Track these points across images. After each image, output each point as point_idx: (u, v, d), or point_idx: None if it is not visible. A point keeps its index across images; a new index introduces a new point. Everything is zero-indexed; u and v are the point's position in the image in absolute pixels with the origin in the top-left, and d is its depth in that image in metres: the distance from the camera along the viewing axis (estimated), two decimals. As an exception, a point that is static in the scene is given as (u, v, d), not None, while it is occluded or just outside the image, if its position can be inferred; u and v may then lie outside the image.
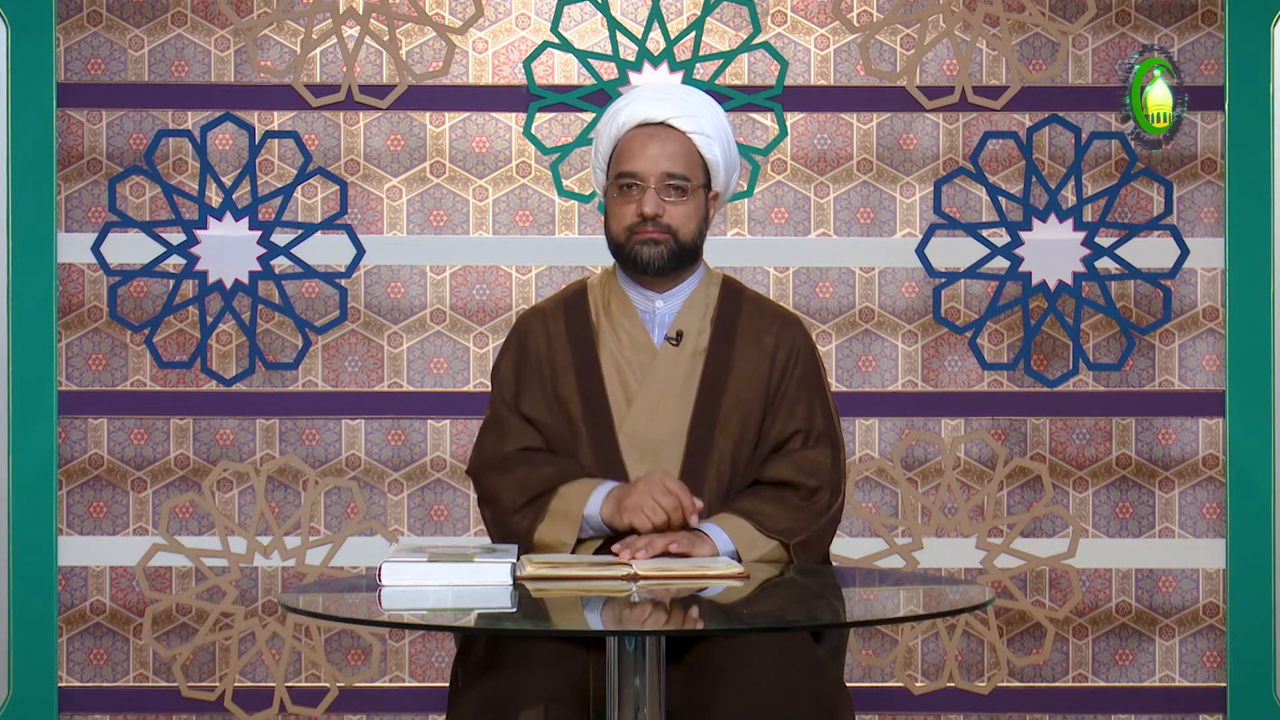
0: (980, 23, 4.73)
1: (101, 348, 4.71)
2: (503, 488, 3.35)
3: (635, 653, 2.84)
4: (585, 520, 3.28)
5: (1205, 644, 4.76)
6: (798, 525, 3.30)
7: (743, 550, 3.25)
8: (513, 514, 3.32)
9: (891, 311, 4.75)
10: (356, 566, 4.72)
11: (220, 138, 4.72)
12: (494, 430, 3.43)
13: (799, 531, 3.30)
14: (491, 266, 4.73)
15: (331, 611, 2.92)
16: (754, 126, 4.74)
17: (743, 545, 3.26)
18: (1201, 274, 4.76)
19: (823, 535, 3.35)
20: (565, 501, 3.29)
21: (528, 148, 4.73)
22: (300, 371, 4.72)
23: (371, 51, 4.72)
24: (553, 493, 3.30)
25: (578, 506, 3.29)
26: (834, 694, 3.13)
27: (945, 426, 4.75)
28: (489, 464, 3.40)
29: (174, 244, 4.67)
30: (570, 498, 3.30)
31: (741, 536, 3.27)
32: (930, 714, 4.76)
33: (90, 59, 4.71)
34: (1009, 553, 4.74)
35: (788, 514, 3.31)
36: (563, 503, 3.29)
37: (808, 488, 3.34)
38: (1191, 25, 4.75)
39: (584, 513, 3.28)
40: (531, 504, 3.31)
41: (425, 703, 4.71)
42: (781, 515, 3.30)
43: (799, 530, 3.30)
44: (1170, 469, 4.76)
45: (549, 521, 3.29)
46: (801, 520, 3.31)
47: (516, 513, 3.32)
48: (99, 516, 4.71)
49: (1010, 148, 4.74)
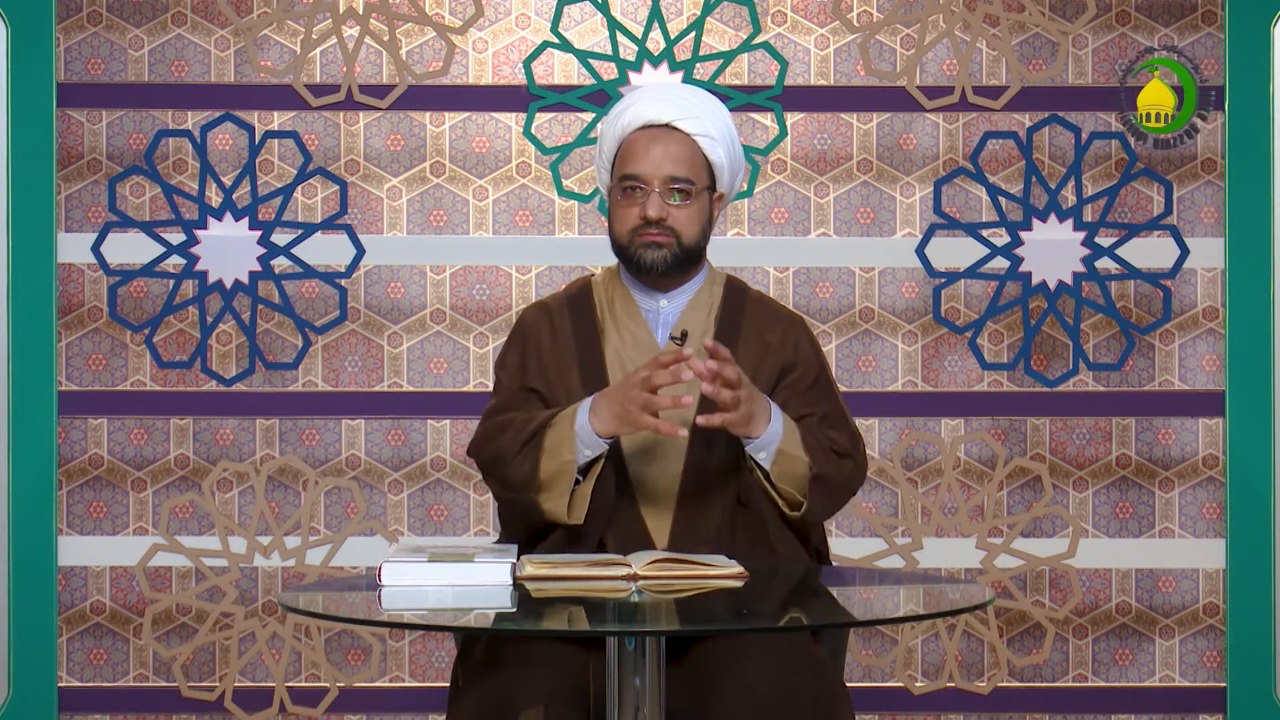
0: (980, 23, 4.73)
1: (101, 348, 4.71)
2: (501, 444, 3.31)
3: (635, 653, 2.84)
4: (579, 438, 3.24)
5: (1205, 644, 4.76)
6: (826, 464, 3.30)
7: (785, 442, 3.25)
8: (512, 460, 3.28)
9: (891, 311, 4.75)
10: (356, 566, 4.72)
11: (220, 138, 4.72)
12: (496, 409, 3.40)
13: (826, 469, 3.29)
14: (491, 266, 4.73)
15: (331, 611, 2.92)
16: (754, 126, 4.74)
17: (788, 436, 3.25)
18: (1201, 274, 4.76)
19: (837, 490, 3.33)
20: (557, 428, 3.26)
21: (528, 148, 4.73)
22: (300, 371, 4.72)
23: (371, 51, 4.72)
24: (546, 426, 3.27)
25: (568, 426, 3.25)
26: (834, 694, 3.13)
27: (945, 426, 4.75)
28: (488, 431, 3.36)
29: (174, 244, 4.67)
30: (560, 423, 3.26)
31: (790, 431, 3.27)
32: (930, 714, 4.76)
33: (90, 59, 4.71)
34: (1009, 553, 4.74)
35: (822, 451, 3.31)
36: (555, 431, 3.26)
37: (836, 452, 3.33)
38: (1191, 25, 4.75)
39: (575, 429, 3.24)
40: (528, 445, 3.28)
41: (425, 703, 4.71)
42: (818, 447, 3.30)
43: (826, 468, 3.29)
44: (1170, 469, 4.76)
45: (548, 454, 3.25)
46: (830, 464, 3.31)
47: (516, 458, 3.28)
48: (99, 516, 4.71)
49: (1010, 148, 4.75)
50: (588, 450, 3.24)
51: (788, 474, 3.26)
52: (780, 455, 3.25)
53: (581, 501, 3.26)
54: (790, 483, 3.27)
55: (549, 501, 3.25)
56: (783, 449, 3.25)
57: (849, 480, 3.36)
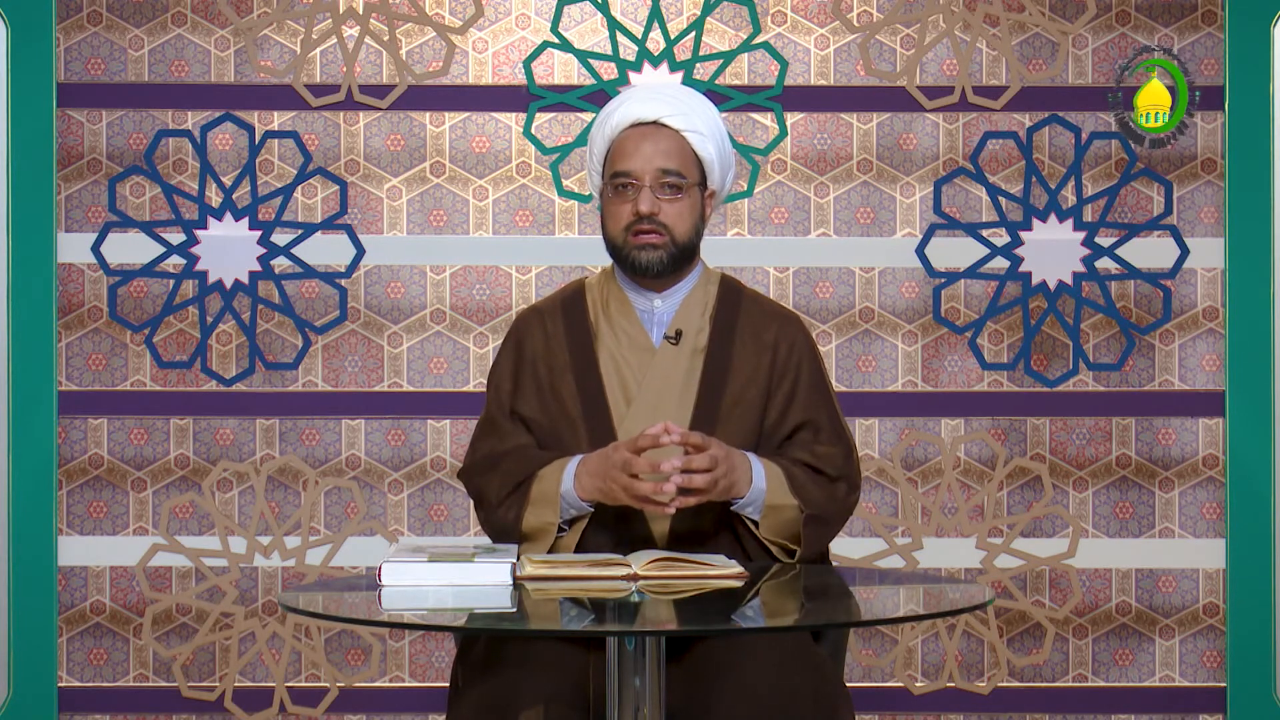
0: (980, 23, 4.73)
1: (101, 348, 4.71)
2: (489, 484, 3.34)
3: (635, 653, 2.84)
4: (564, 500, 3.27)
5: (1205, 644, 4.76)
6: (818, 501, 3.30)
7: (770, 495, 3.25)
8: (498, 507, 3.31)
9: (891, 311, 4.75)
10: (356, 566, 4.72)
11: (220, 138, 4.72)
12: (486, 433, 3.42)
13: (818, 507, 3.29)
14: (491, 266, 4.73)
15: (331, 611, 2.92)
16: (754, 126, 4.74)
17: (773, 489, 3.25)
18: (1201, 274, 4.76)
19: (832, 521, 3.34)
20: (543, 484, 3.29)
21: (528, 148, 4.73)
22: (300, 371, 4.72)
23: (371, 51, 4.72)
24: (533, 478, 3.30)
25: (554, 487, 3.28)
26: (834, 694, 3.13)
27: (945, 426, 4.75)
28: (479, 465, 3.39)
29: (174, 244, 4.67)
30: (546, 479, 3.29)
31: (775, 482, 3.27)
32: (930, 714, 4.76)
33: (90, 59, 4.71)
34: (1009, 553, 4.74)
35: (813, 486, 3.31)
36: (541, 486, 3.28)
37: (828, 475, 3.34)
38: (1191, 25, 4.75)
39: (560, 491, 3.27)
40: (514, 493, 3.31)
41: (425, 703, 4.71)
42: (809, 484, 3.30)
43: (818, 506, 3.29)
44: (1170, 469, 4.76)
45: (532, 508, 3.28)
46: (821, 498, 3.31)
47: (501, 505, 3.31)
48: (99, 516, 4.71)
49: (1010, 148, 4.75)
50: (572, 509, 3.29)
51: (777, 524, 3.29)
52: (769, 510, 3.27)
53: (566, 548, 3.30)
54: (781, 531, 3.29)
55: (533, 548, 3.29)
56: (770, 503, 3.27)
57: (842, 508, 3.37)
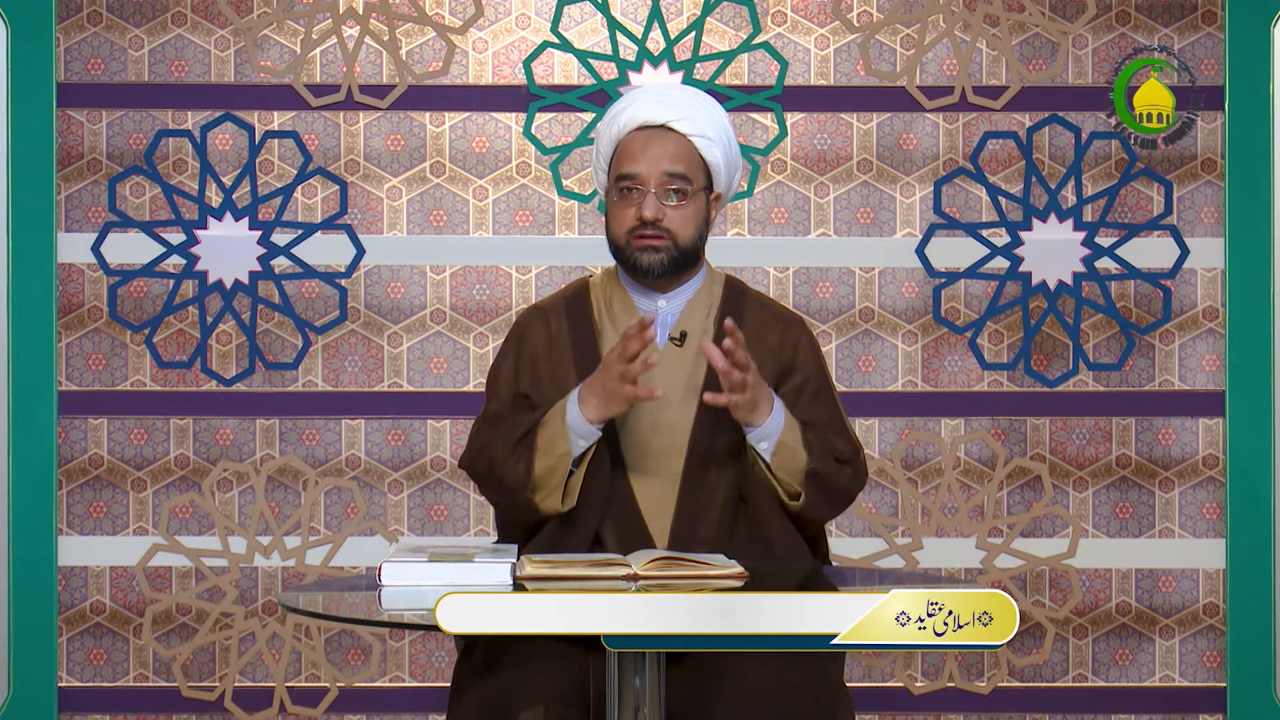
0: (980, 23, 4.73)
1: (101, 348, 4.71)
2: (494, 452, 3.31)
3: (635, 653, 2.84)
4: (572, 431, 3.25)
5: (1205, 644, 4.76)
6: (824, 463, 3.30)
7: (785, 435, 3.25)
8: (506, 465, 3.28)
9: (891, 311, 4.75)
10: (356, 566, 4.72)
11: (220, 138, 4.72)
12: (486, 422, 3.40)
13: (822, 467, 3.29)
14: (491, 266, 4.73)
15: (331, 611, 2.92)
16: (754, 126, 4.74)
17: (788, 429, 3.26)
18: (1201, 274, 4.76)
19: (834, 492, 3.32)
20: (549, 428, 3.26)
21: (528, 148, 4.73)
22: (300, 371, 4.72)
23: (371, 51, 4.72)
24: (537, 427, 3.28)
25: (560, 425, 3.25)
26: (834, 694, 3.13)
27: (945, 426, 4.76)
28: (479, 445, 3.37)
29: (174, 244, 4.67)
30: (551, 420, 3.27)
31: (791, 427, 3.27)
32: (930, 714, 4.76)
33: (90, 59, 4.71)
34: (1009, 553, 4.74)
35: (821, 450, 3.31)
36: (547, 430, 3.26)
37: (837, 458, 3.33)
38: (1191, 25, 4.75)
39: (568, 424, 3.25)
40: (519, 447, 3.28)
41: (425, 703, 4.71)
42: (817, 445, 3.31)
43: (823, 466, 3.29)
44: (1170, 469, 4.76)
45: (541, 454, 3.26)
46: (828, 464, 3.31)
47: (509, 461, 3.28)
48: (99, 516, 4.71)
49: (1010, 148, 4.75)
50: (582, 440, 3.25)
51: (787, 466, 3.27)
52: (781, 447, 3.26)
53: (575, 488, 3.27)
54: (789, 474, 3.27)
55: (544, 500, 3.26)
56: (783, 440, 3.25)
57: (847, 485, 3.35)
